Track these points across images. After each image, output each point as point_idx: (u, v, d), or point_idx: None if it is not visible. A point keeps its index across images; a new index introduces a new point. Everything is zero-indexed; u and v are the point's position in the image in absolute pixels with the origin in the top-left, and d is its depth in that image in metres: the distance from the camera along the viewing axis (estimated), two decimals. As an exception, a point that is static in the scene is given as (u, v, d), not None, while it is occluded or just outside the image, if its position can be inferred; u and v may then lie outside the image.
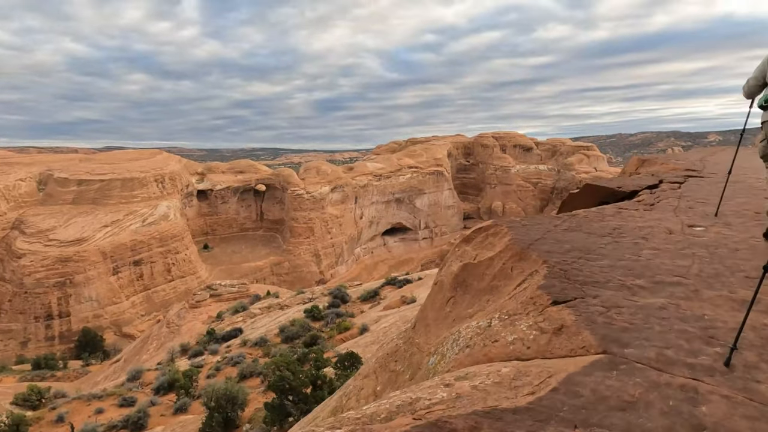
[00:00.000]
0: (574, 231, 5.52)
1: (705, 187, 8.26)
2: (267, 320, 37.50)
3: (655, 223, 5.80)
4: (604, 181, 8.97)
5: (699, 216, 6.21)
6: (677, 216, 6.21)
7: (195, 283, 70.72)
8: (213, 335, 35.23)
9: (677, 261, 4.45)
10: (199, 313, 41.85)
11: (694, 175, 9.51)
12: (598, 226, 5.76)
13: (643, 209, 6.64)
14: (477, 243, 5.62)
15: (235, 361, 27.77)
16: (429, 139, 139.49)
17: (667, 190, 7.99)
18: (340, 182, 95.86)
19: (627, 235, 5.34)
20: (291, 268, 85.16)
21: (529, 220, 6.03)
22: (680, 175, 9.39)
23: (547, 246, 4.81)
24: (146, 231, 69.96)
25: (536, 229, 5.58)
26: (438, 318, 5.22)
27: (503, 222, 5.79)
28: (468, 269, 5.20)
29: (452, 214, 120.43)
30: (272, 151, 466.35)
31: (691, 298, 3.65)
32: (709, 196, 7.41)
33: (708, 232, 5.45)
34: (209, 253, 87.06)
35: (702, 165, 11.15)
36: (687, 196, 7.45)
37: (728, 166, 10.34)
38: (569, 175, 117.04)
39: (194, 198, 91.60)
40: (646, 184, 8.29)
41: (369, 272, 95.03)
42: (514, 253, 4.69)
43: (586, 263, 4.36)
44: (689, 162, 11.56)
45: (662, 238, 5.19)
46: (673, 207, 6.75)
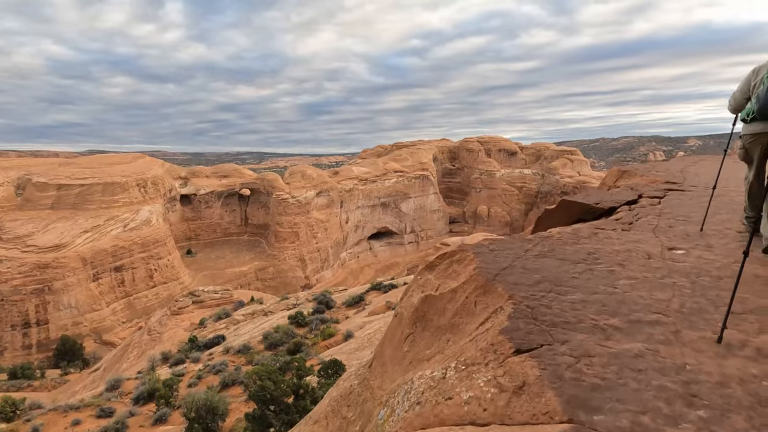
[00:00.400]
0: (546, 257, 5.07)
1: (686, 202, 7.94)
2: (250, 327, 37.02)
3: (632, 246, 5.41)
4: (581, 196, 8.21)
5: (680, 237, 5.86)
6: (657, 237, 5.85)
7: (178, 289, 69.71)
8: (195, 343, 34.65)
9: (656, 293, 4.08)
10: (181, 320, 41.17)
11: (675, 188, 9.17)
12: (572, 250, 5.32)
13: (621, 229, 6.22)
14: (440, 271, 5.14)
15: (217, 370, 27.31)
16: (415, 143, 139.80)
17: (647, 206, 7.56)
18: (326, 186, 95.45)
19: (603, 261, 4.93)
20: (276, 273, 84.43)
21: (498, 245, 5.50)
22: (660, 188, 9.02)
23: (515, 276, 4.38)
24: (128, 236, 68.81)
25: (505, 254, 5.11)
26: (395, 358, 4.84)
27: (470, 247, 5.29)
28: (429, 302, 4.77)
29: (438, 218, 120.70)
30: (258, 155, 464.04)
31: (671, 341, 3.31)
32: (690, 213, 7.09)
33: (689, 256, 5.10)
34: (193, 258, 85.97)
35: (683, 177, 10.75)
36: (667, 213, 7.09)
37: (709, 177, 10.31)
38: (553, 179, 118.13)
39: (177, 203, 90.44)
40: (624, 200, 7.86)
41: (355, 277, 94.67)
42: (478, 286, 4.25)
43: (557, 298, 3.94)
44: (669, 173, 11.16)
45: (640, 264, 4.81)
46: (652, 226, 6.35)
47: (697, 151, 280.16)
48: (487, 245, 5.43)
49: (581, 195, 8.23)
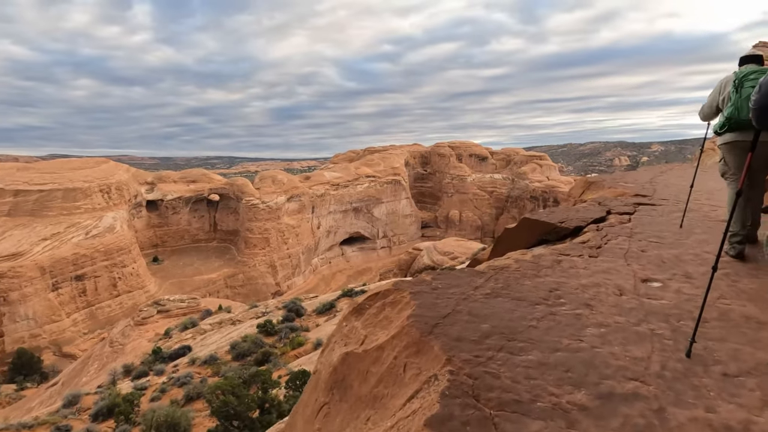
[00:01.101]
0: (500, 296, 4.20)
1: (657, 219, 7.31)
2: (218, 336, 36.00)
3: (602, 279, 4.67)
4: (544, 213, 7.47)
5: (654, 264, 5.18)
6: (628, 264, 5.14)
7: (143, 297, 67.55)
8: (159, 354, 33.47)
9: (632, 348, 3.33)
10: (145, 331, 39.74)
11: (645, 202, 8.57)
12: (531, 285, 4.47)
13: (588, 255, 5.44)
14: (370, 317, 4.23)
15: (181, 382, 26.40)
16: (387, 148, 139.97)
17: (616, 224, 6.89)
18: (297, 192, 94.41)
19: (567, 300, 4.15)
20: (246, 280, 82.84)
21: (443, 279, 4.58)
22: (629, 202, 8.37)
23: (458, 327, 3.56)
24: (90, 244, 66.36)
25: (450, 294, 4.22)
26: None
27: (407, 285, 4.32)
28: (350, 362, 3.94)
29: (410, 223, 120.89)
30: (228, 159, 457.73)
31: (654, 427, 2.56)
32: (663, 232, 6.47)
33: (667, 290, 4.42)
34: (159, 265, 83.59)
35: (652, 188, 10.15)
36: (638, 233, 6.44)
37: (680, 188, 9.95)
38: (523, 183, 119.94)
39: (143, 209, 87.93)
40: (591, 218, 7.16)
41: (327, 283, 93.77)
42: (410, 342, 3.42)
43: (509, 359, 3.14)
44: (638, 185, 10.49)
45: (611, 304, 4.06)
46: (623, 251, 5.63)
47: (660, 156, 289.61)
48: (430, 281, 4.53)
49: (545, 212, 7.49)
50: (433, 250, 76.67)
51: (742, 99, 5.17)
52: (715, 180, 7.76)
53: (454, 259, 64.51)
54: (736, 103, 5.23)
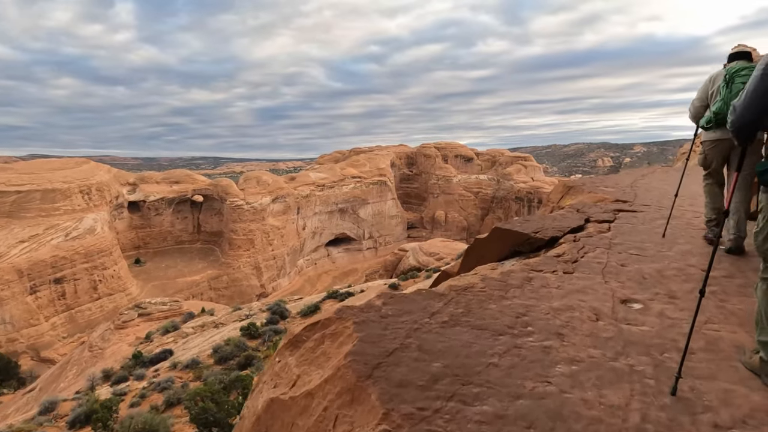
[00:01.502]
0: (459, 324, 3.64)
1: (639, 227, 6.85)
2: (200, 340, 35.47)
3: (576, 301, 4.16)
4: (518, 222, 6.89)
5: (634, 280, 4.74)
6: (606, 282, 4.67)
7: (125, 300, 66.44)
8: (140, 358, 32.84)
9: (607, 392, 2.84)
10: (126, 335, 39.01)
11: (626, 208, 8.09)
12: (495, 310, 3.92)
13: (563, 271, 4.94)
14: (307, 351, 3.66)
15: (162, 387, 25.88)
16: (373, 149, 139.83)
17: (594, 234, 6.37)
18: (282, 192, 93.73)
19: (535, 328, 3.62)
20: (230, 281, 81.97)
21: (395, 304, 3.91)
22: (609, 209, 7.91)
23: (404, 368, 3.00)
24: (69, 246, 65.05)
25: (401, 323, 3.60)
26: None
27: (353, 312, 3.73)
28: (275, 411, 3.42)
29: (396, 224, 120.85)
30: (213, 160, 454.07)
31: None
32: (645, 242, 6.05)
33: (648, 314, 3.96)
34: (141, 267, 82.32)
35: (633, 193, 9.67)
36: (618, 243, 5.98)
37: (662, 193, 9.56)
38: (508, 184, 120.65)
39: (125, 210, 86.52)
40: (568, 227, 6.64)
41: (312, 284, 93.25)
42: (345, 388, 2.89)
43: (459, 413, 2.58)
44: (619, 189, 10.04)
45: (586, 333, 3.56)
46: (601, 265, 5.15)
47: (642, 157, 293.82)
48: (380, 307, 3.88)
49: (519, 221, 6.93)
50: (418, 251, 76.66)
51: (732, 94, 5.20)
52: (697, 184, 7.42)
53: (439, 260, 64.55)
54: (725, 98, 5.26)
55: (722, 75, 5.45)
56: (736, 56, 5.64)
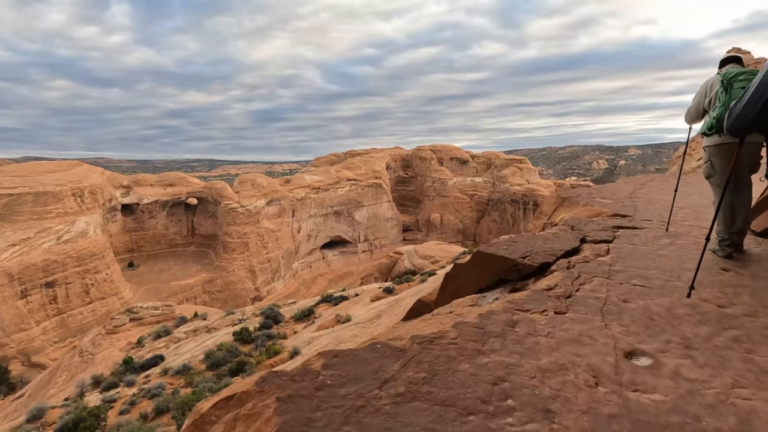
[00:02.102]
0: (417, 399, 2.83)
1: (641, 248, 6.03)
2: (192, 345, 35.05)
3: (570, 355, 3.41)
4: (504, 245, 5.95)
5: (640, 323, 3.95)
6: (607, 326, 3.89)
7: (117, 304, 65.79)
8: (130, 364, 32.38)
9: None
10: (117, 340, 38.51)
11: (626, 224, 7.30)
12: (468, 373, 3.13)
13: (554, 310, 4.16)
14: None
15: (152, 394, 25.49)
16: (368, 151, 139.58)
17: (591, 259, 5.59)
18: (277, 195, 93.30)
19: (517, 403, 2.83)
20: (224, 285, 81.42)
21: (339, 368, 3.13)
22: (608, 225, 7.15)
23: None
24: (61, 249, 64.38)
25: (341, 398, 2.83)
26: None
27: (276, 384, 2.93)
28: None
29: (391, 227, 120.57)
30: (209, 162, 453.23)
31: None
32: (649, 268, 5.24)
33: (660, 376, 3.19)
34: (134, 271, 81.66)
35: (633, 206, 8.90)
36: (619, 270, 5.19)
37: (664, 205, 8.78)
38: (503, 187, 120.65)
39: (118, 213, 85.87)
40: (561, 250, 5.85)
41: (307, 287, 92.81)
42: None
43: None
44: (617, 201, 9.26)
45: (582, 409, 2.79)
46: (599, 301, 4.35)
47: (637, 159, 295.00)
48: (318, 372, 3.10)
49: (505, 242, 6.11)
50: (414, 254, 76.41)
51: (732, 99, 5.18)
52: (699, 194, 6.95)
53: (435, 263, 64.30)
54: (725, 104, 5.25)
55: (719, 81, 5.48)
56: (729, 60, 5.78)
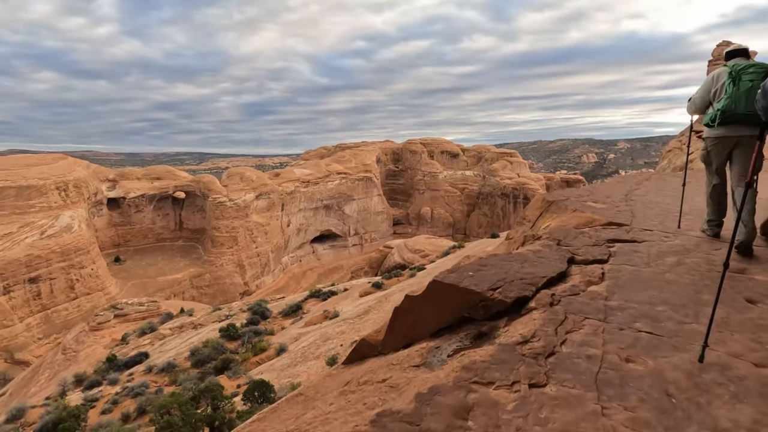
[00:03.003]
0: None
1: (643, 271, 4.73)
2: (178, 342, 34.50)
3: None
4: (470, 271, 4.52)
5: (652, 402, 2.75)
6: (605, 410, 2.68)
7: (103, 299, 64.86)
8: (114, 362, 31.78)
9: None
10: (101, 337, 37.83)
11: (623, 237, 6.02)
12: None
13: (529, 382, 2.96)
14: None
15: (135, 392, 25.04)
16: (358, 144, 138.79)
17: (582, 289, 4.29)
18: (266, 189, 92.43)
19: None
20: (212, 280, 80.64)
21: None
22: (601, 238, 5.88)
23: None
24: (45, 244, 63.24)
25: None
26: None
27: None
28: None
29: (382, 220, 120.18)
30: (198, 155, 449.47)
31: None
32: (657, 303, 3.99)
33: None
34: (121, 266, 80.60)
35: (629, 211, 7.61)
36: (617, 308, 3.91)
37: (664, 208, 7.74)
38: (494, 180, 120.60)
39: (104, 207, 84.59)
40: (544, 276, 4.50)
41: (297, 281, 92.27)
42: None
43: None
44: (611, 205, 8.00)
45: None
46: (593, 364, 3.14)
47: (626, 153, 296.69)
48: None
49: (472, 267, 4.67)
50: (404, 248, 76.13)
51: (740, 92, 5.09)
52: (703, 194, 6.49)
53: (424, 257, 64.06)
54: (733, 96, 5.12)
55: (726, 72, 5.33)
56: (735, 53, 5.62)
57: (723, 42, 37.04)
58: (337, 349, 23.67)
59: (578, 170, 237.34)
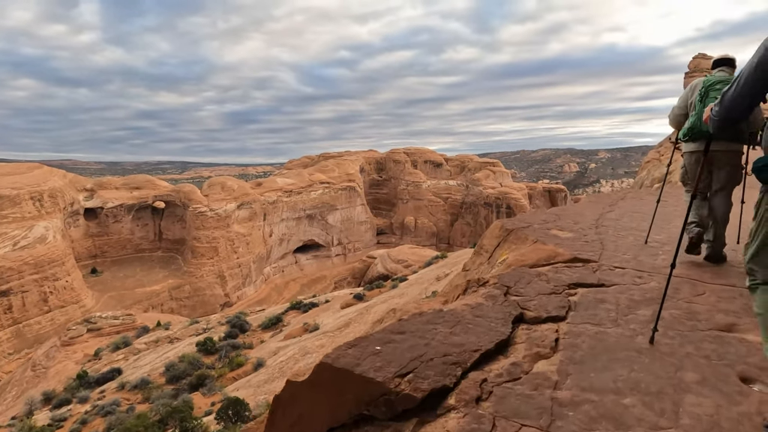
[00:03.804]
0: None
1: (609, 337, 3.67)
2: (153, 356, 33.50)
3: None
4: (372, 349, 3.26)
5: None
6: None
7: (78, 312, 63.05)
8: (85, 378, 30.68)
9: None
10: (73, 352, 36.56)
11: (588, 280, 4.90)
12: None
13: None
14: None
15: (106, 411, 24.11)
16: (342, 154, 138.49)
17: (524, 371, 3.19)
18: (248, 198, 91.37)
19: None
20: (192, 291, 79.12)
21: None
22: (562, 282, 4.79)
23: None
24: (17, 256, 61.36)
25: None
26: None
27: None
28: None
29: (365, 230, 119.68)
30: (181, 164, 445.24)
31: None
32: (624, 392, 2.95)
33: None
34: (98, 278, 78.65)
35: (599, 240, 6.49)
36: (567, 401, 2.86)
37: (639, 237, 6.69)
38: (477, 190, 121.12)
39: (81, 217, 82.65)
40: (477, 349, 3.36)
41: (279, 292, 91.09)
42: None
43: None
44: (579, 234, 6.84)
45: None
46: None
47: (606, 163, 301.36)
48: None
49: (381, 338, 3.49)
50: (386, 258, 75.72)
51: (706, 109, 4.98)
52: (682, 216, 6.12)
53: (407, 267, 63.71)
54: (699, 113, 5.02)
55: (699, 87, 5.27)
56: (720, 63, 5.42)
57: (699, 54, 37.71)
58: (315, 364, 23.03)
59: (560, 180, 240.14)
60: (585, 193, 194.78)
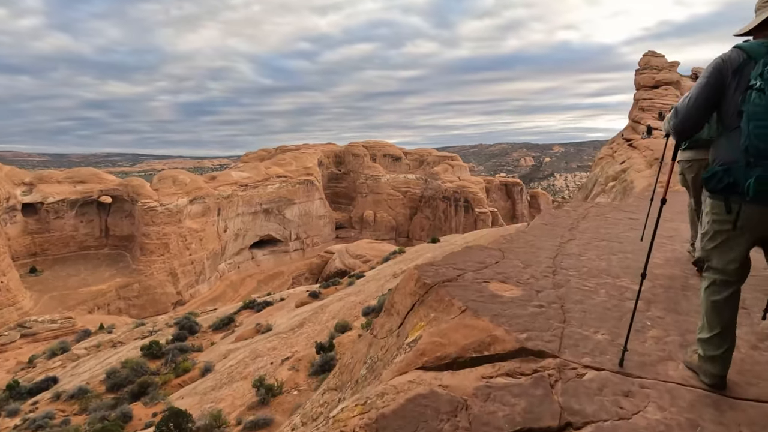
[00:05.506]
0: None
1: None
2: (93, 363, 31.53)
3: None
4: None
5: None
6: None
7: (15, 315, 59.08)
8: (16, 389, 28.47)
9: None
10: (5, 359, 34.00)
11: (544, 426, 2.65)
12: None
13: None
14: None
15: (37, 425, 22.32)
16: (300, 147, 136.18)
17: None
18: (201, 193, 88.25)
19: None
20: (142, 290, 75.80)
21: None
22: (496, 426, 2.63)
23: None
24: (-55, 256, 56.92)
25: None
26: None
27: None
28: None
29: (324, 224, 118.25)
30: (132, 156, 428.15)
31: None
32: None
33: None
34: (37, 277, 74.12)
35: (557, 298, 4.45)
36: None
37: (615, 286, 4.83)
38: (435, 184, 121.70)
39: (18, 213, 77.59)
40: None
41: (235, 289, 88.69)
42: None
43: None
44: (530, 289, 4.61)
45: None
46: None
47: (560, 157, 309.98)
48: None
49: None
50: (345, 254, 74.85)
51: None
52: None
53: (366, 262, 63.04)
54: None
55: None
56: None
57: (649, 52, 38.56)
58: (266, 368, 22.10)
59: (516, 173, 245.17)
60: (539, 187, 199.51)
